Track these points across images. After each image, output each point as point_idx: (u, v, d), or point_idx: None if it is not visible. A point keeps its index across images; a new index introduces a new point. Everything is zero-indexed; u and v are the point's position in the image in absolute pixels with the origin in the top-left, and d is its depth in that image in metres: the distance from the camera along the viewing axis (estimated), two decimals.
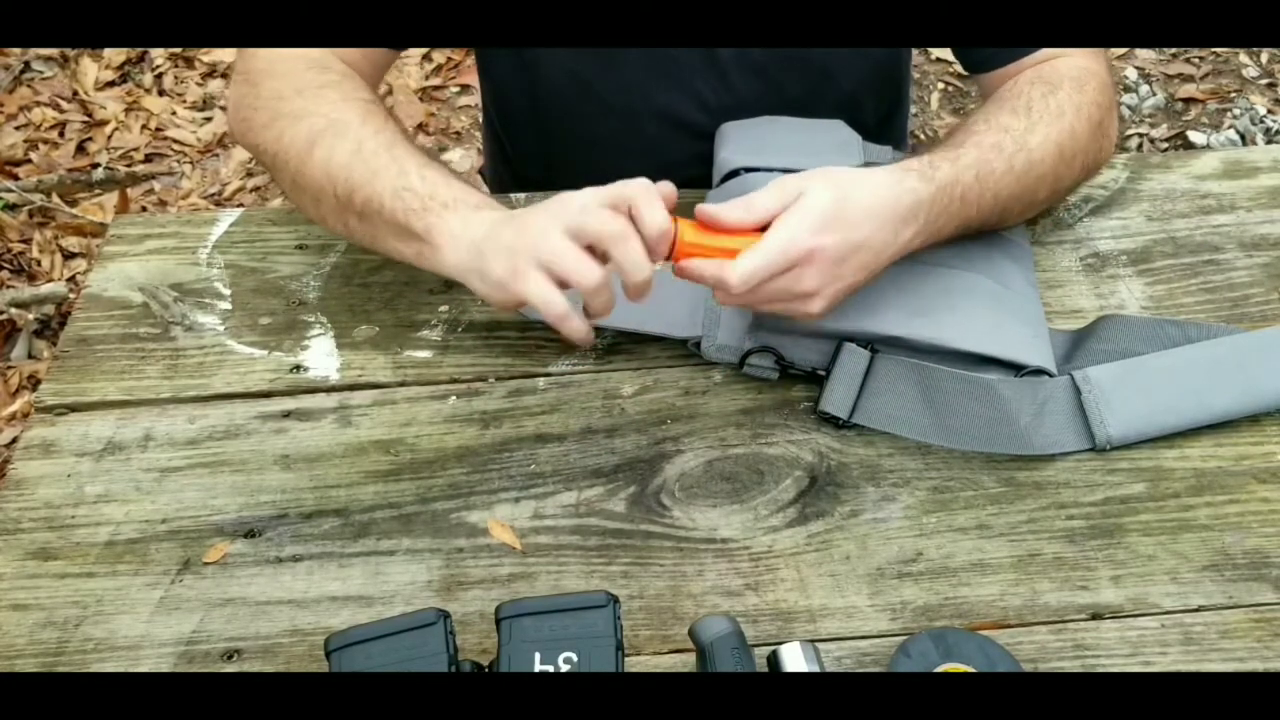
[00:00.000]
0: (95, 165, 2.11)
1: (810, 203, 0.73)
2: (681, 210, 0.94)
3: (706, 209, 0.73)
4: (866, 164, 0.88)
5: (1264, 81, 2.34)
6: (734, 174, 0.88)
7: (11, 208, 2.00)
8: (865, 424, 0.78)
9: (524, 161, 1.09)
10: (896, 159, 0.89)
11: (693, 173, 0.94)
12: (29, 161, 2.12)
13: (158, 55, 2.33)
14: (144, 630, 0.70)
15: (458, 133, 2.24)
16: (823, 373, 0.80)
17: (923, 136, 2.23)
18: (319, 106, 0.83)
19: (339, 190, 0.80)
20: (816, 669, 0.62)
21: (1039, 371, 0.79)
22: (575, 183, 0.97)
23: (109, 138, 2.18)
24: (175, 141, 2.19)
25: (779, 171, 0.86)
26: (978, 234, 0.86)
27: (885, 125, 1.08)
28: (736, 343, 0.81)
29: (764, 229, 0.73)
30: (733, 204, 0.74)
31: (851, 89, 0.99)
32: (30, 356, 1.82)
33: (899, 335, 0.79)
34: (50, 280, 1.92)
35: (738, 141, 0.90)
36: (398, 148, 0.80)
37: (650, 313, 0.79)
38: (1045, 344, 0.81)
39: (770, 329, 0.81)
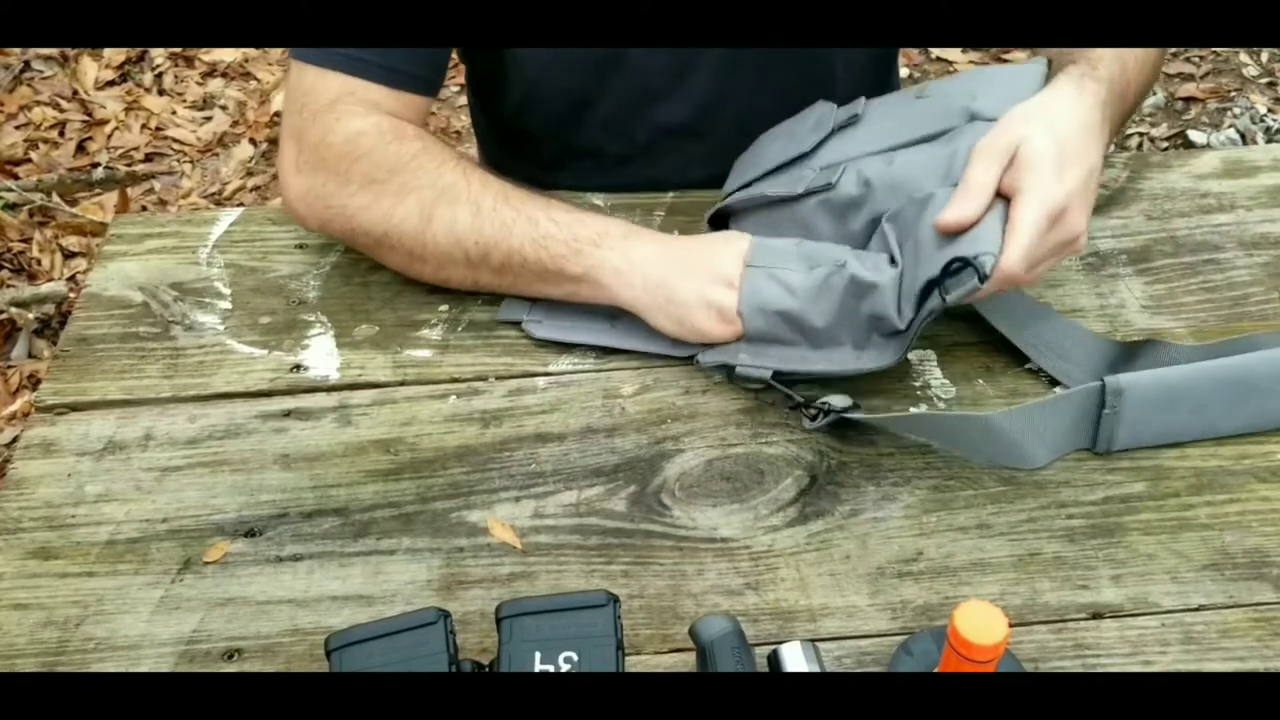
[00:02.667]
0: (95, 165, 2.11)
1: (1035, 153, 0.73)
2: (688, 211, 0.95)
3: (946, 220, 0.73)
4: (837, 129, 0.85)
5: (1264, 80, 2.35)
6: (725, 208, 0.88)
7: (11, 207, 2.00)
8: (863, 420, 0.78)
9: (519, 172, 1.09)
10: (886, 100, 0.87)
11: (691, 177, 0.95)
12: (29, 161, 2.12)
13: (158, 55, 2.34)
14: (144, 630, 0.70)
15: (458, 132, 2.24)
16: (801, 400, 0.79)
17: None
18: (420, 179, 0.84)
19: (471, 253, 0.83)
20: (817, 668, 0.62)
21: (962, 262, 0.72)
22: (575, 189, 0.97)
23: (109, 137, 2.18)
24: (175, 141, 2.19)
25: (755, 181, 0.86)
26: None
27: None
28: (729, 357, 0.81)
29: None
30: (955, 198, 0.73)
31: (849, 80, 0.99)
32: (30, 356, 1.82)
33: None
34: (50, 279, 1.92)
35: (734, 175, 0.90)
36: (513, 198, 0.83)
37: (652, 335, 0.82)
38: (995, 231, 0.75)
39: (765, 340, 0.80)
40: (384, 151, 0.85)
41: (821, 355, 0.79)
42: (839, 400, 0.77)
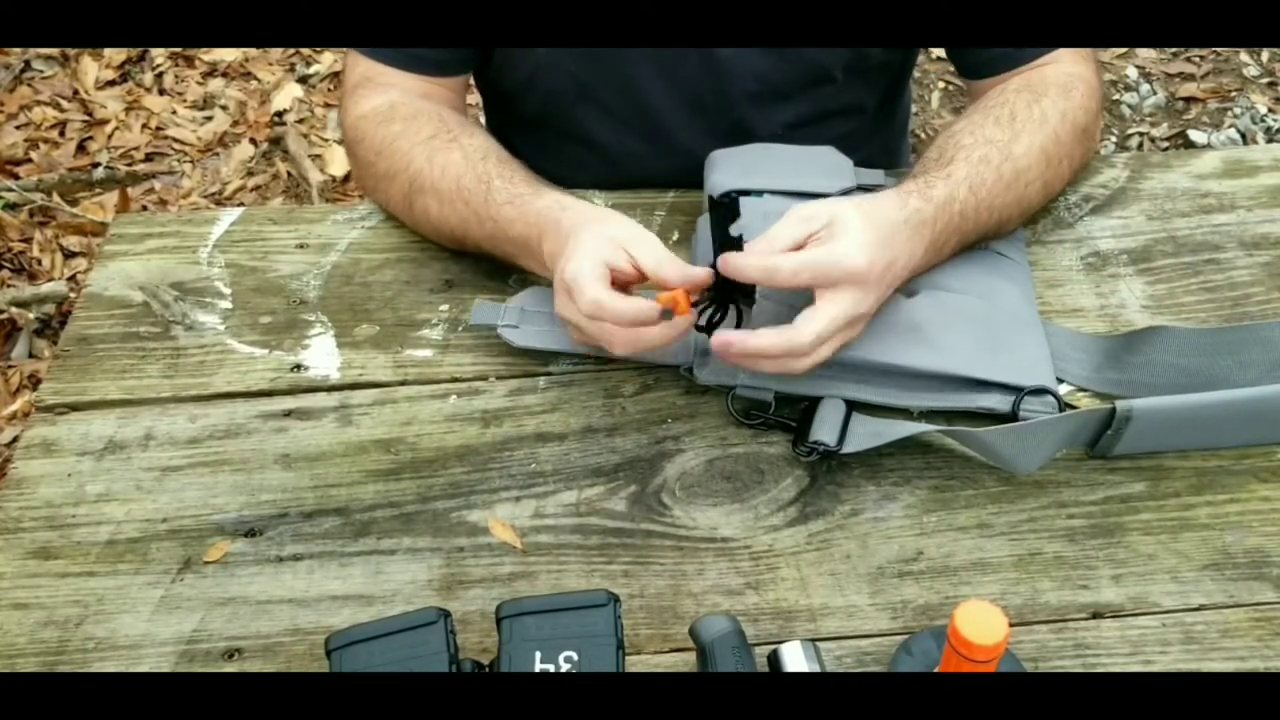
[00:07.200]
0: (96, 164, 2.11)
1: (847, 223, 0.73)
2: (689, 210, 0.95)
3: (730, 258, 0.73)
4: (859, 187, 0.88)
5: (1265, 80, 2.35)
6: (725, 196, 0.87)
7: (12, 207, 2.00)
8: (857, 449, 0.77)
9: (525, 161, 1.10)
10: (889, 183, 0.89)
11: (695, 171, 0.94)
12: (30, 161, 2.12)
13: (158, 54, 2.33)
14: (145, 629, 0.70)
15: None
16: (794, 423, 0.79)
17: (923, 135, 2.23)
18: (396, 163, 0.89)
19: (446, 239, 0.90)
20: (817, 668, 0.62)
21: (1040, 390, 0.78)
22: (579, 180, 0.97)
23: (109, 137, 2.18)
24: (176, 140, 2.19)
25: (769, 194, 0.86)
26: (974, 248, 0.86)
27: (884, 109, 1.08)
28: (729, 368, 0.80)
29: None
30: (753, 244, 0.74)
31: (846, 80, 0.99)
32: (31, 355, 1.82)
33: (897, 364, 0.78)
34: (51, 279, 1.92)
35: (728, 166, 0.90)
36: (464, 187, 0.85)
37: None
38: (1045, 362, 0.80)
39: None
40: (374, 135, 0.91)
41: (826, 385, 0.79)
42: (830, 437, 0.76)
